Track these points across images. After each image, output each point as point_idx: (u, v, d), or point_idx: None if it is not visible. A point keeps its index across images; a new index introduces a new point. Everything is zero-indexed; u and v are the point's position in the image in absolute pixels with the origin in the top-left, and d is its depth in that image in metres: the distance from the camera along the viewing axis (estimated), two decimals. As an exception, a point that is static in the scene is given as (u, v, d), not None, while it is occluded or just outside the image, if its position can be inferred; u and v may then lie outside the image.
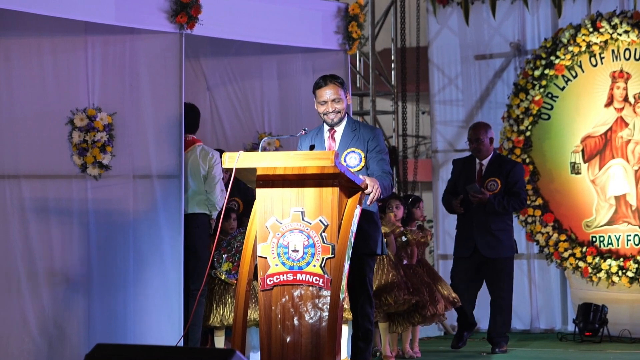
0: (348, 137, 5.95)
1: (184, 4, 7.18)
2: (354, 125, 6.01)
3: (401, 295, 7.54)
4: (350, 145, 5.92)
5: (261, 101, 8.64)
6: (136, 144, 7.19)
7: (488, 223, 8.16)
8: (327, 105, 5.91)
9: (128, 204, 7.17)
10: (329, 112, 5.91)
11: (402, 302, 7.58)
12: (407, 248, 7.96)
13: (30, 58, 6.99)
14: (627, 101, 9.41)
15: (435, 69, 10.59)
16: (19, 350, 6.85)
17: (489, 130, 8.36)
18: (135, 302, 7.15)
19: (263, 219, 5.43)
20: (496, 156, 8.36)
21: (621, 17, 9.30)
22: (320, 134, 6.02)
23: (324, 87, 5.92)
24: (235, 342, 5.43)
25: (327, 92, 5.91)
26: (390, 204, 8.00)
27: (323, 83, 5.93)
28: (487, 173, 8.25)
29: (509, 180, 8.19)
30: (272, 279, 5.38)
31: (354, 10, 8.21)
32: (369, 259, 5.88)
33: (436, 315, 7.82)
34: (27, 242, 6.91)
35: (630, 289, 9.17)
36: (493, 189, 8.17)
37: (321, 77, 6.01)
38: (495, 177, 8.20)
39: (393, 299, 7.54)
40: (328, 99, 5.90)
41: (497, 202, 8.09)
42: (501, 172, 8.21)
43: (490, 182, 8.20)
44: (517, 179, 8.23)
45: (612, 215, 9.43)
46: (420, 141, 13.69)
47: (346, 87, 6.03)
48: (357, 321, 5.85)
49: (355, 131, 5.96)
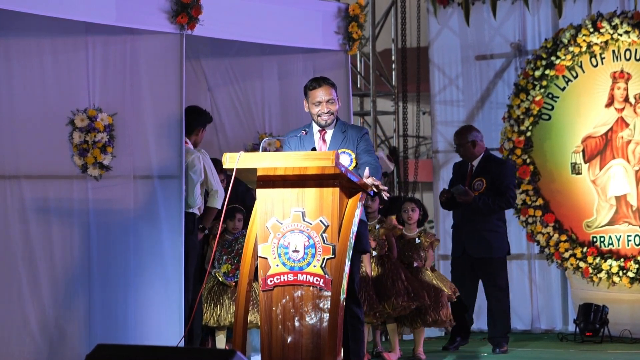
0: (338, 138, 6.02)
1: (185, 5, 7.18)
2: (343, 127, 6.09)
3: (399, 302, 7.53)
4: (341, 146, 5.98)
5: (262, 102, 8.64)
6: (137, 145, 7.19)
7: (475, 224, 8.25)
8: (322, 106, 5.96)
9: (129, 205, 7.17)
10: (323, 113, 5.97)
11: (400, 309, 7.58)
12: (420, 250, 7.96)
13: (31, 58, 6.99)
14: (628, 101, 9.41)
15: (435, 70, 10.59)
16: (19, 350, 6.85)
17: (470, 133, 8.48)
18: (136, 302, 7.15)
19: (264, 219, 5.43)
20: (486, 156, 8.44)
21: (622, 18, 9.30)
22: (310, 135, 6.05)
23: (318, 89, 5.98)
24: (236, 343, 5.43)
25: (322, 93, 5.97)
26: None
27: (317, 84, 5.99)
28: (476, 173, 8.37)
29: (496, 180, 8.26)
30: (272, 279, 5.38)
31: (354, 10, 8.21)
32: (356, 258, 5.90)
33: (439, 321, 7.82)
34: (28, 243, 6.91)
35: (630, 289, 9.16)
36: (479, 189, 8.28)
37: (313, 79, 6.08)
38: (482, 176, 8.31)
39: (391, 307, 7.53)
40: (323, 99, 5.96)
41: (481, 202, 8.19)
42: (489, 172, 8.31)
43: (476, 181, 8.32)
44: (503, 178, 8.28)
45: (612, 216, 9.42)
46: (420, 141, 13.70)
47: (337, 90, 6.09)
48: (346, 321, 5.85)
49: (345, 132, 6.04)
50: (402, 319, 7.80)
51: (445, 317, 7.79)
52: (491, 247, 8.27)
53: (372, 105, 11.07)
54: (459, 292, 8.02)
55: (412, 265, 7.90)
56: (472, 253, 8.28)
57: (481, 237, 8.26)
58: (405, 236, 7.99)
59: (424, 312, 7.74)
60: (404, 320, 7.81)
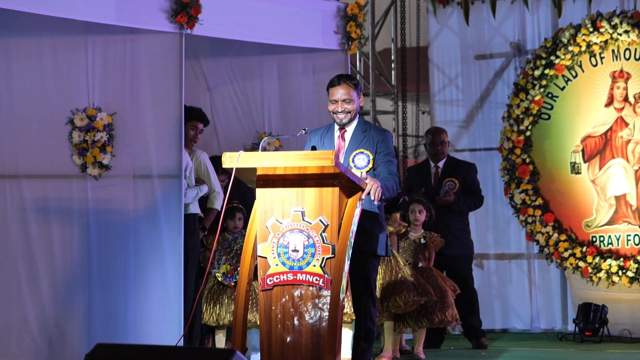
0: (358, 138, 5.94)
1: (184, 4, 7.18)
2: (364, 126, 6.00)
3: (411, 297, 7.53)
4: (360, 146, 5.90)
5: (261, 101, 8.64)
6: (136, 144, 7.19)
7: (447, 223, 8.49)
8: (337, 105, 5.90)
9: (128, 204, 7.17)
10: (337, 112, 5.91)
11: (411, 304, 7.57)
12: (425, 251, 7.97)
13: (31, 58, 6.99)
14: (627, 101, 9.41)
15: (435, 69, 10.59)
16: (19, 350, 6.86)
17: (446, 134, 8.92)
18: (136, 301, 7.15)
19: (263, 218, 5.43)
20: (450, 159, 8.87)
21: (621, 17, 9.30)
22: (331, 133, 6.01)
23: (336, 86, 5.92)
24: (236, 342, 5.43)
25: (339, 92, 5.90)
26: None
27: (337, 82, 5.93)
28: (444, 174, 8.70)
29: (467, 181, 8.70)
30: (272, 278, 5.38)
31: (352, 10, 8.21)
32: (372, 259, 5.87)
33: (445, 321, 7.82)
34: (28, 242, 6.91)
35: (630, 288, 9.16)
36: (452, 188, 8.61)
37: (336, 76, 6.00)
38: (453, 177, 8.66)
39: (403, 301, 7.52)
40: (339, 98, 5.90)
41: (462, 203, 8.60)
42: (458, 173, 8.70)
43: (448, 182, 8.65)
44: (474, 180, 8.76)
45: (612, 215, 9.43)
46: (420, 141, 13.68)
47: (360, 89, 6.00)
48: (360, 321, 5.84)
49: (366, 132, 5.95)
50: (405, 319, 7.79)
51: (451, 317, 7.80)
52: (463, 244, 8.66)
53: (372, 104, 11.07)
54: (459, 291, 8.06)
55: (416, 265, 7.90)
56: (446, 251, 8.38)
57: (454, 236, 8.57)
58: (411, 236, 8.00)
59: (430, 312, 7.74)
60: (407, 319, 7.80)
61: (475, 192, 8.75)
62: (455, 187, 8.61)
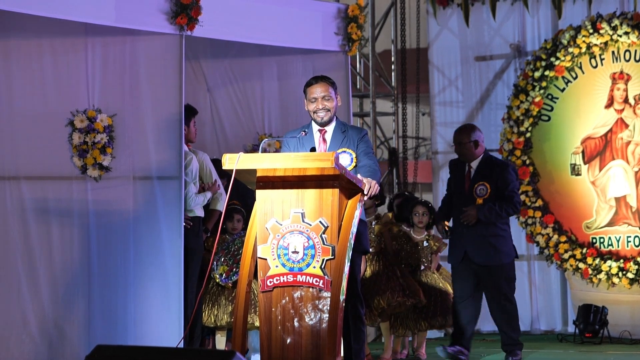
0: (338, 138, 6.06)
1: (184, 6, 7.17)
2: (343, 127, 6.13)
3: (394, 298, 7.52)
4: (341, 146, 6.02)
5: (261, 102, 8.64)
6: (136, 146, 7.19)
7: (479, 230, 7.59)
8: (317, 103, 6.02)
9: (128, 205, 7.17)
10: (318, 110, 6.03)
11: (396, 305, 7.56)
12: (427, 254, 7.96)
13: (30, 59, 6.99)
14: (627, 102, 9.41)
15: (435, 70, 10.59)
16: (19, 350, 6.85)
17: (473, 132, 7.78)
18: (136, 303, 7.15)
19: (263, 220, 5.43)
20: (485, 158, 7.76)
21: (621, 19, 9.30)
22: (310, 134, 6.09)
23: (314, 85, 6.04)
24: (236, 343, 5.43)
25: (318, 90, 6.02)
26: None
27: (314, 81, 6.07)
28: (476, 177, 7.71)
29: (500, 185, 7.63)
30: (272, 280, 5.38)
31: (353, 11, 8.21)
32: (357, 258, 5.91)
33: (446, 325, 7.81)
34: (28, 243, 6.91)
35: (630, 290, 9.16)
36: (482, 194, 7.65)
37: (313, 77, 6.14)
38: (485, 181, 7.68)
39: (386, 302, 7.52)
40: (318, 96, 6.01)
41: (487, 211, 7.58)
42: (491, 176, 7.67)
43: (479, 187, 7.68)
44: (508, 183, 7.65)
45: (612, 217, 9.43)
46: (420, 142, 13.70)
47: (336, 88, 6.13)
48: (348, 322, 5.85)
49: (345, 132, 6.08)
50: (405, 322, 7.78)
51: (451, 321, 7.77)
52: (498, 252, 7.62)
53: (372, 106, 11.07)
54: None
55: (418, 267, 7.89)
56: (477, 260, 7.59)
57: (488, 243, 7.60)
58: (414, 239, 7.99)
59: (430, 316, 7.73)
60: (407, 323, 7.79)
61: (509, 196, 7.60)
62: (486, 192, 7.61)
